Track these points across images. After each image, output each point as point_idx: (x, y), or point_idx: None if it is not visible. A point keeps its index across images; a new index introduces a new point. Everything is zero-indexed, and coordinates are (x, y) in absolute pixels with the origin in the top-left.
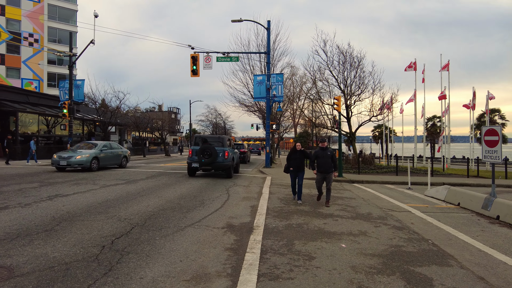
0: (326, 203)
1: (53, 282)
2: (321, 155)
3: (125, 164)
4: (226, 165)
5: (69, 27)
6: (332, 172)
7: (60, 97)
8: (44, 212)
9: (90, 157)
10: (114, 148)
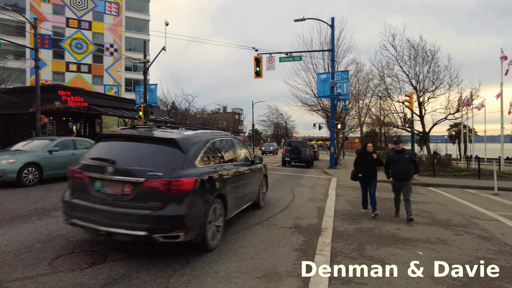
0: (407, 217)
1: (140, 268)
2: (396, 159)
3: None
4: (306, 159)
5: (142, 36)
6: (411, 180)
7: (136, 101)
8: None
9: (18, 163)
10: (82, 147)
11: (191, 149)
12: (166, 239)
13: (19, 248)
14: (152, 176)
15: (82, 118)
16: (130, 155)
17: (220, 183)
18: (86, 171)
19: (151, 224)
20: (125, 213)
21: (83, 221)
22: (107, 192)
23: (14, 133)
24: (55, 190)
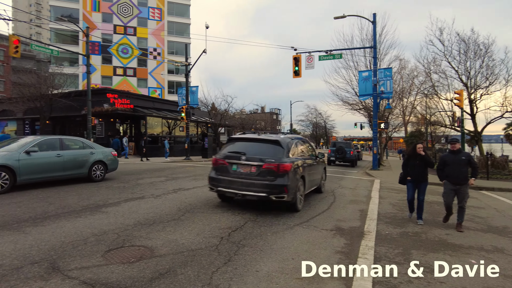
0: (457, 226)
1: (184, 264)
2: (451, 160)
3: (100, 174)
4: (351, 159)
5: (183, 39)
6: (467, 185)
7: (179, 102)
8: (171, 203)
9: None
10: (68, 147)
11: (286, 146)
12: (277, 198)
13: (76, 240)
14: (268, 161)
15: (128, 119)
16: (252, 149)
17: (302, 168)
18: (227, 159)
19: (268, 189)
20: (253, 183)
21: (225, 188)
22: (241, 171)
23: (69, 133)
24: (29, 199)
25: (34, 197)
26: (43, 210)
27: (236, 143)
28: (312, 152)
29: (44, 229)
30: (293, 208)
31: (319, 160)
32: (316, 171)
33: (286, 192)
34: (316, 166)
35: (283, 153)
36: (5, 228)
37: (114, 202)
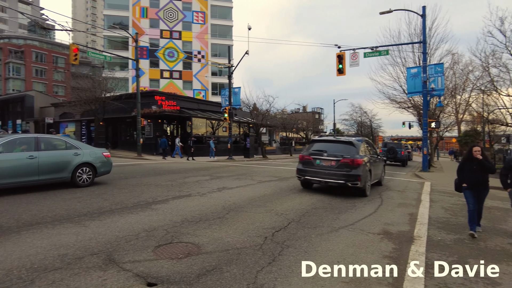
0: None
1: (229, 262)
2: None
3: (87, 178)
4: (402, 159)
5: (226, 41)
6: None
7: (222, 103)
8: (216, 202)
9: None
10: (46, 148)
11: (357, 146)
12: (352, 185)
13: (129, 235)
14: (345, 157)
15: (174, 120)
16: (331, 148)
17: (369, 163)
18: (312, 155)
19: (346, 178)
20: (333, 173)
21: (311, 177)
22: (323, 165)
23: (120, 134)
24: (87, 194)
25: (91, 193)
26: (99, 205)
27: (317, 144)
28: (374, 151)
29: (100, 223)
30: (363, 193)
31: (380, 158)
32: (378, 167)
33: (359, 180)
34: (378, 162)
35: (356, 151)
36: (68, 221)
37: (162, 200)
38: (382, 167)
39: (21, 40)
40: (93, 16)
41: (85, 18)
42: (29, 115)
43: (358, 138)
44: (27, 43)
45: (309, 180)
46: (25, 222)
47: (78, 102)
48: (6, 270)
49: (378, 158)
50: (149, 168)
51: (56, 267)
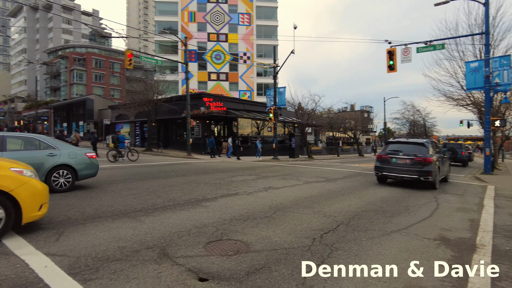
0: None
1: (278, 262)
2: None
3: (65, 183)
4: (463, 159)
5: (271, 41)
6: None
7: (267, 104)
8: (262, 201)
9: None
10: (12, 148)
11: (428, 146)
12: (424, 179)
13: (181, 231)
14: (418, 156)
15: (221, 121)
16: (405, 148)
17: (438, 161)
18: (388, 154)
19: (419, 173)
20: (407, 169)
21: (387, 173)
22: (398, 162)
23: (171, 134)
24: (141, 191)
25: (144, 190)
26: (152, 202)
27: (391, 145)
28: (440, 151)
29: (154, 219)
30: (433, 186)
31: (446, 157)
32: (445, 164)
33: (431, 175)
34: (445, 161)
35: (427, 151)
36: (126, 216)
37: (211, 198)
38: (448, 165)
39: (83, 49)
40: (145, 23)
41: (138, 25)
42: (89, 117)
43: (427, 140)
44: (88, 51)
45: (385, 175)
46: (89, 215)
47: (132, 104)
48: (76, 258)
49: (444, 157)
50: (198, 167)
51: (117, 258)
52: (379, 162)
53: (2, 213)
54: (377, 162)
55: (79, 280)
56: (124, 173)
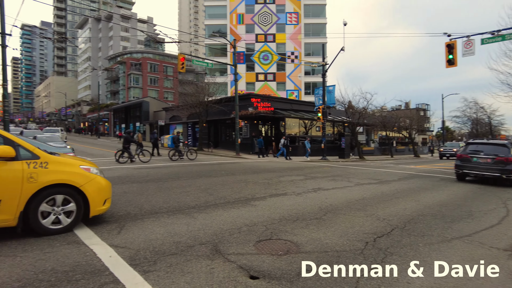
0: None
1: (329, 263)
2: None
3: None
4: None
5: (320, 39)
6: None
7: (315, 103)
8: (312, 202)
9: None
10: None
11: (510, 147)
12: (507, 177)
13: (232, 228)
14: (500, 156)
15: (269, 121)
16: (485, 149)
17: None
18: (469, 154)
19: (501, 172)
20: (489, 168)
21: (468, 171)
22: (479, 161)
23: (221, 134)
24: (195, 189)
25: (197, 188)
26: (205, 199)
27: (471, 145)
28: None
29: (207, 216)
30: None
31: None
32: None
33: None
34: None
35: (508, 151)
36: (180, 212)
37: (260, 197)
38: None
39: (139, 54)
40: (195, 27)
41: (189, 30)
42: (145, 118)
43: (508, 141)
44: (144, 56)
45: (466, 173)
46: (147, 211)
47: (184, 106)
48: (135, 250)
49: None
50: (246, 167)
51: (172, 253)
52: (459, 161)
53: (74, 206)
54: (457, 161)
55: (139, 271)
56: (178, 171)
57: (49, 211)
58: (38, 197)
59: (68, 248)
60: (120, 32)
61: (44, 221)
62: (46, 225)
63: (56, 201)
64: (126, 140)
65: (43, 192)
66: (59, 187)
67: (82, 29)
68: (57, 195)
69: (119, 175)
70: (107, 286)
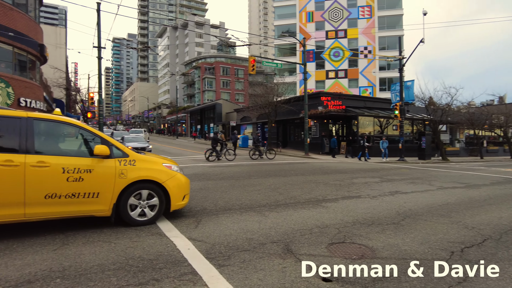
0: None
1: (408, 273)
2: None
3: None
4: None
5: (396, 32)
6: None
7: (392, 99)
8: (388, 206)
9: None
10: None
11: None
12: None
13: (303, 229)
14: None
15: (340, 120)
16: None
17: None
18: None
19: None
20: None
21: None
22: None
23: (289, 134)
24: (264, 188)
25: (267, 187)
26: (275, 198)
27: None
28: None
29: (277, 215)
30: None
31: None
32: None
33: None
34: None
35: None
36: (251, 210)
37: (332, 198)
38: None
39: (212, 59)
40: (265, 29)
41: (259, 32)
42: (218, 119)
43: None
44: (217, 60)
45: None
46: (221, 207)
47: (254, 107)
48: (211, 244)
49: None
50: (316, 167)
51: (245, 249)
52: None
53: (157, 200)
54: None
55: (215, 264)
56: (249, 170)
57: (136, 204)
58: (127, 191)
59: (152, 239)
60: (195, 39)
61: (132, 213)
62: (134, 217)
63: (142, 196)
64: (214, 140)
65: (131, 187)
66: (144, 183)
67: (161, 38)
68: (143, 190)
69: (195, 172)
70: (186, 277)
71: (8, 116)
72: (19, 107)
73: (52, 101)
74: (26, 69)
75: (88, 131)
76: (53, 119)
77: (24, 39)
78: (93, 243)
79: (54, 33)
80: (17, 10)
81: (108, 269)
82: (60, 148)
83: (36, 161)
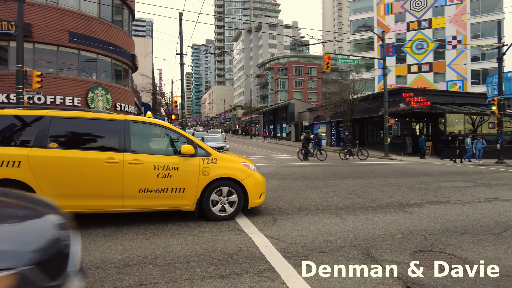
0: None
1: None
2: None
3: None
4: None
5: (493, 16)
6: None
7: (488, 94)
8: (485, 214)
9: None
10: None
11: None
12: None
13: (384, 234)
14: None
15: (424, 118)
16: None
17: None
18: None
19: None
20: None
21: None
22: None
23: (367, 133)
24: (340, 189)
25: (344, 188)
26: (353, 201)
27: None
28: None
29: (356, 218)
30: None
31: None
32: None
33: None
34: None
35: None
36: (328, 212)
37: (416, 203)
38: None
39: (285, 59)
40: (339, 25)
41: (333, 28)
42: (290, 119)
43: None
44: (290, 60)
45: None
46: (296, 207)
47: (328, 105)
48: (288, 243)
49: None
50: (397, 169)
51: (323, 251)
52: None
53: (236, 197)
54: None
55: (292, 263)
56: (323, 171)
57: (217, 200)
58: (209, 188)
59: (232, 234)
60: (268, 40)
61: (213, 208)
62: (215, 212)
63: (223, 192)
64: (306, 139)
65: (213, 184)
66: (225, 180)
67: (236, 42)
68: (223, 187)
69: (269, 171)
70: (265, 273)
71: (111, 119)
72: (115, 111)
73: (141, 105)
74: (121, 77)
75: (175, 132)
76: (146, 121)
77: (120, 51)
78: (179, 235)
79: (142, 44)
80: (115, 26)
81: (192, 260)
82: (151, 147)
83: (132, 159)
